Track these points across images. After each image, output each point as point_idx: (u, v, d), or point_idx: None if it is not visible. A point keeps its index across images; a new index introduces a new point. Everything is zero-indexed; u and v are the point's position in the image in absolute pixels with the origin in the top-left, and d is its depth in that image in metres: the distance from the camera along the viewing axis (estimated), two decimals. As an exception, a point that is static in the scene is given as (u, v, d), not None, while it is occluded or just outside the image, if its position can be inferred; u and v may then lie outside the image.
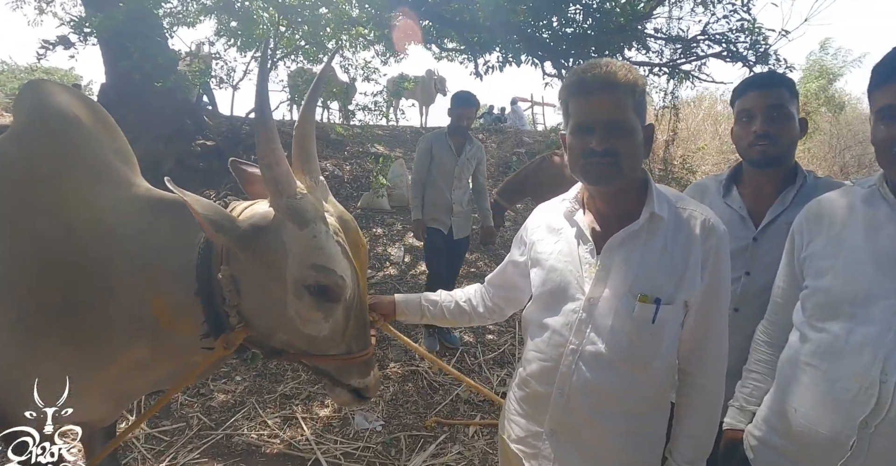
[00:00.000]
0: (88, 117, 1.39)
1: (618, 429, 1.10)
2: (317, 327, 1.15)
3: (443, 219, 3.59)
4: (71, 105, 1.38)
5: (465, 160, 3.58)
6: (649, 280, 1.06)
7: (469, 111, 3.53)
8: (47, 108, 1.35)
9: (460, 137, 3.59)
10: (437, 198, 3.58)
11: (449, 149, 3.56)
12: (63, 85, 1.48)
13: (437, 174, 3.57)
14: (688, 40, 6.69)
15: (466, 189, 3.69)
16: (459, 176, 3.60)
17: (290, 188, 1.11)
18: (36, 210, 1.27)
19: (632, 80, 1.05)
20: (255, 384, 3.04)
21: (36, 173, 1.29)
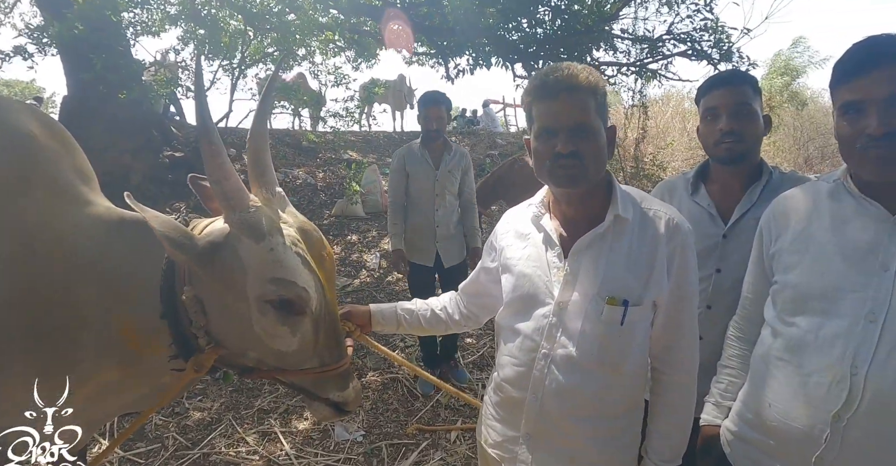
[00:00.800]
0: (45, 135, 1.34)
1: (593, 432, 1.10)
2: (285, 342, 1.12)
3: (426, 248, 3.05)
4: (25, 122, 1.33)
5: (445, 173, 3.03)
6: (616, 282, 1.06)
7: (436, 111, 2.98)
8: (2, 128, 1.30)
9: (436, 145, 3.06)
10: (418, 222, 3.05)
11: (425, 162, 3.03)
12: (18, 101, 1.43)
13: (415, 194, 3.05)
14: (654, 40, 6.82)
15: (453, 207, 3.09)
16: (441, 193, 3.02)
17: (242, 202, 1.09)
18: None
19: (593, 82, 1.05)
20: (231, 399, 2.97)
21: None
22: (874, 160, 0.95)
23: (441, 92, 3.03)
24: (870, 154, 0.95)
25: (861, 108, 0.95)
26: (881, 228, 0.97)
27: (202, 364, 1.15)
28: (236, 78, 5.76)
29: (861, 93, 0.95)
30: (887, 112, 0.92)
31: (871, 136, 0.93)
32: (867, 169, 0.98)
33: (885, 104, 0.92)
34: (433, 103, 2.99)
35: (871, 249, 0.97)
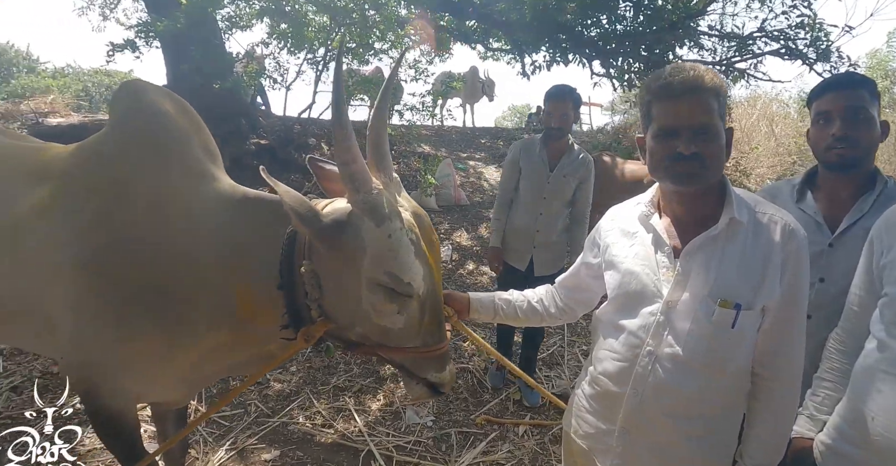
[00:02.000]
0: (179, 115, 1.48)
1: (691, 431, 1.11)
2: (391, 319, 1.18)
3: (521, 251, 2.87)
4: (163, 103, 1.47)
5: (559, 177, 2.77)
6: (729, 285, 1.06)
7: (561, 107, 2.67)
8: (143, 106, 1.44)
9: (557, 145, 2.78)
10: (519, 223, 2.85)
11: (540, 161, 2.78)
12: (156, 85, 1.56)
13: (523, 193, 2.84)
14: (743, 37, 6.48)
15: (560, 215, 2.83)
16: (550, 197, 2.79)
17: (366, 184, 1.15)
18: (129, 203, 1.36)
19: (717, 84, 1.06)
20: (309, 375, 3.14)
21: (132, 168, 1.39)
22: None
23: (570, 86, 2.71)
24: None
25: None
26: None
27: (312, 335, 1.23)
28: (320, 71, 6.01)
29: None
30: None
31: None
32: None
33: None
34: (558, 98, 2.69)
35: None
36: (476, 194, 6.36)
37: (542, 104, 2.82)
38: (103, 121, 7.39)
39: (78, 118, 8.13)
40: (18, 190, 1.48)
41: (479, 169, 7.23)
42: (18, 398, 2.78)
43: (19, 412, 2.65)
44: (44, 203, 1.42)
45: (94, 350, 1.37)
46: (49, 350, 1.53)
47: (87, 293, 1.33)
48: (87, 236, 1.34)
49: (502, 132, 10.15)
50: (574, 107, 2.75)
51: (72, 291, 1.34)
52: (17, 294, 1.43)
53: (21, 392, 2.83)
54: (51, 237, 1.37)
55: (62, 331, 1.39)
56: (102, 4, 11.13)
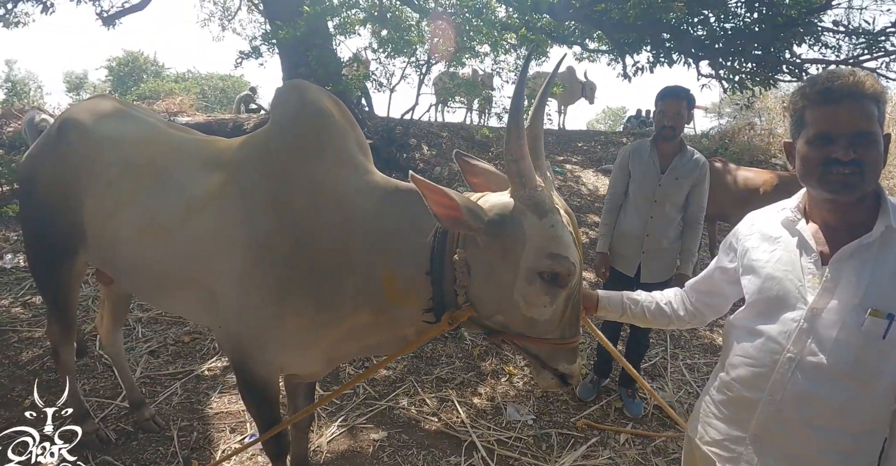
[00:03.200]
0: (337, 113, 1.62)
1: (829, 444, 1.08)
2: (540, 310, 1.25)
3: (630, 256, 2.82)
4: (324, 101, 1.61)
5: (671, 179, 2.70)
6: (882, 295, 1.03)
7: (674, 106, 2.63)
8: (306, 103, 1.59)
9: (669, 146, 2.73)
10: (627, 227, 2.80)
11: (650, 163, 2.74)
12: (315, 85, 1.71)
13: (633, 196, 2.80)
14: (873, 33, 5.90)
15: (672, 220, 2.75)
16: (661, 200, 2.72)
17: (532, 181, 1.22)
18: (294, 190, 1.51)
19: (879, 90, 1.04)
20: (413, 364, 3.30)
21: (297, 159, 1.54)
22: None
23: (683, 86, 2.68)
24: None
25: None
26: None
27: (457, 318, 1.31)
28: (423, 74, 6.24)
29: None
30: None
31: None
32: None
33: None
34: (672, 96, 2.64)
35: None
36: (573, 198, 6.29)
37: (654, 104, 2.78)
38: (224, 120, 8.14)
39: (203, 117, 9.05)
40: (195, 176, 1.69)
41: (577, 173, 7.13)
42: (156, 361, 3.18)
43: (156, 373, 3.03)
44: (218, 188, 1.61)
45: (252, 323, 1.53)
46: (208, 320, 1.73)
47: (253, 269, 1.50)
48: (257, 218, 1.51)
49: (598, 135, 9.94)
50: (688, 107, 2.69)
51: (239, 266, 1.51)
52: (190, 266, 1.63)
53: (158, 356, 3.24)
54: (224, 218, 1.56)
55: (225, 303, 1.56)
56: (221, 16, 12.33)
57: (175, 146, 1.85)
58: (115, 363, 2.60)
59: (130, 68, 22.64)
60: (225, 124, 7.34)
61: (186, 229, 1.63)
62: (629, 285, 2.76)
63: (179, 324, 3.61)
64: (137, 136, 1.90)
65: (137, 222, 1.72)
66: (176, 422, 2.60)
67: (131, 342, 3.33)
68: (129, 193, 1.77)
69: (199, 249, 1.60)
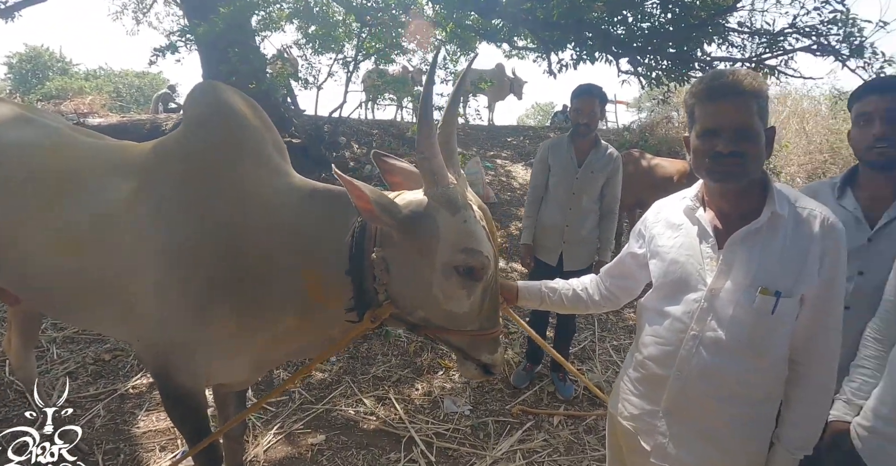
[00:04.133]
0: (252, 114, 1.58)
1: (731, 412, 1.19)
2: (458, 303, 1.28)
3: (552, 247, 2.97)
4: (238, 102, 1.57)
5: (587, 173, 2.87)
6: (770, 274, 1.14)
7: (588, 104, 2.76)
8: (220, 105, 1.54)
9: (585, 142, 2.89)
10: (549, 219, 2.96)
11: (568, 158, 2.89)
12: (228, 86, 1.66)
13: (552, 190, 2.95)
14: (774, 34, 6.38)
15: (590, 211, 2.92)
16: (579, 193, 2.88)
17: (444, 178, 1.25)
18: (210, 194, 1.47)
19: (756, 87, 1.14)
20: (349, 365, 3.27)
21: (213, 163, 1.49)
22: None
23: (596, 85, 2.80)
24: None
25: None
26: None
27: (378, 316, 1.33)
28: (350, 72, 6.15)
29: None
30: None
31: None
32: None
33: None
34: (586, 95, 2.78)
35: None
36: (504, 192, 6.43)
37: (570, 102, 2.90)
38: (140, 120, 7.66)
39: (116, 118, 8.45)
40: (105, 184, 1.59)
41: (507, 167, 7.29)
42: (75, 382, 2.96)
43: (75, 396, 2.82)
44: (131, 195, 1.53)
45: (174, 333, 1.47)
46: (126, 334, 1.64)
47: (171, 277, 1.44)
48: (173, 224, 1.45)
49: (528, 130, 10.18)
50: (601, 104, 2.84)
51: (157, 276, 1.45)
52: (105, 279, 1.54)
53: (77, 377, 3.01)
54: (138, 226, 1.48)
55: (144, 315, 1.49)
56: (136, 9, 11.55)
57: (82, 153, 1.73)
58: (27, 390, 2.40)
59: (34, 65, 20.75)
60: (141, 125, 6.90)
61: (99, 239, 1.54)
62: (553, 273, 2.85)
63: (99, 342, 3.38)
64: (40, 143, 1.76)
65: (46, 235, 1.60)
66: (101, 446, 2.45)
67: (46, 365, 3.09)
68: (34, 206, 1.63)
69: (115, 260, 1.51)
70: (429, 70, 1.27)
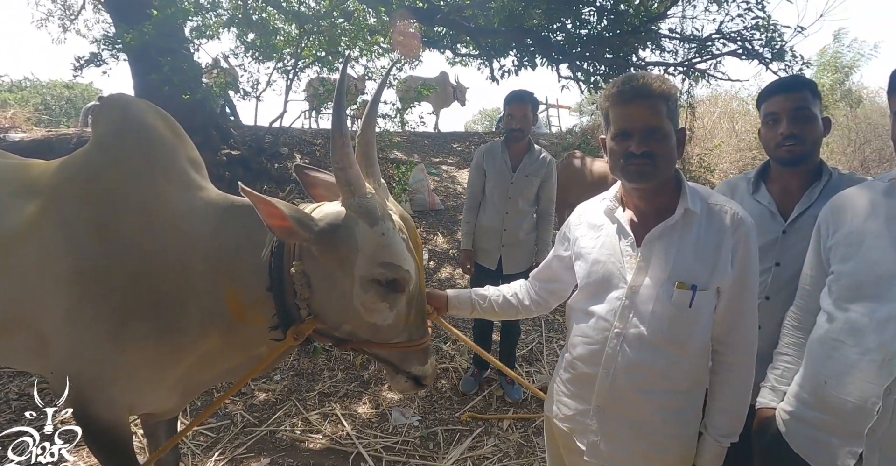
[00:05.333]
0: (164, 127, 1.51)
1: (659, 405, 1.21)
2: (382, 316, 1.25)
3: (491, 251, 2.98)
4: (149, 116, 1.49)
5: (522, 177, 2.90)
6: (686, 269, 1.17)
7: (520, 109, 2.81)
8: (129, 119, 1.46)
9: (518, 147, 2.93)
10: (486, 223, 2.97)
11: (503, 163, 2.93)
12: (139, 99, 1.59)
13: (489, 194, 2.97)
14: (702, 39, 6.72)
15: (526, 214, 2.96)
16: (515, 197, 2.91)
17: (361, 189, 1.21)
18: (120, 214, 1.38)
19: (665, 90, 1.17)
20: (293, 383, 3.16)
21: (122, 180, 1.41)
22: None
23: (528, 91, 2.86)
24: None
25: None
26: None
27: (301, 333, 1.28)
28: (290, 80, 6.01)
29: None
30: None
31: None
32: None
33: None
34: (518, 101, 2.82)
35: None
36: (450, 199, 6.43)
37: (503, 108, 2.94)
38: (67, 135, 7.23)
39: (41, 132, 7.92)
40: (7, 206, 1.48)
41: (453, 173, 7.31)
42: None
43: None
44: (35, 217, 1.42)
45: (89, 362, 1.38)
46: (39, 367, 1.53)
47: (81, 303, 1.34)
48: (81, 247, 1.36)
49: (473, 136, 10.26)
50: (533, 109, 2.89)
51: (66, 303, 1.35)
52: (11, 308, 1.43)
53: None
54: (44, 250, 1.38)
55: (56, 345, 1.39)
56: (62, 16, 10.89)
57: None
58: None
59: (-52, 77, 19.34)
60: (68, 140, 6.47)
61: (4, 268, 1.42)
62: (493, 277, 2.94)
63: (23, 376, 3.13)
64: None
65: None
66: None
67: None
68: None
69: (20, 287, 1.40)
70: (339, 78, 1.23)
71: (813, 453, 1.17)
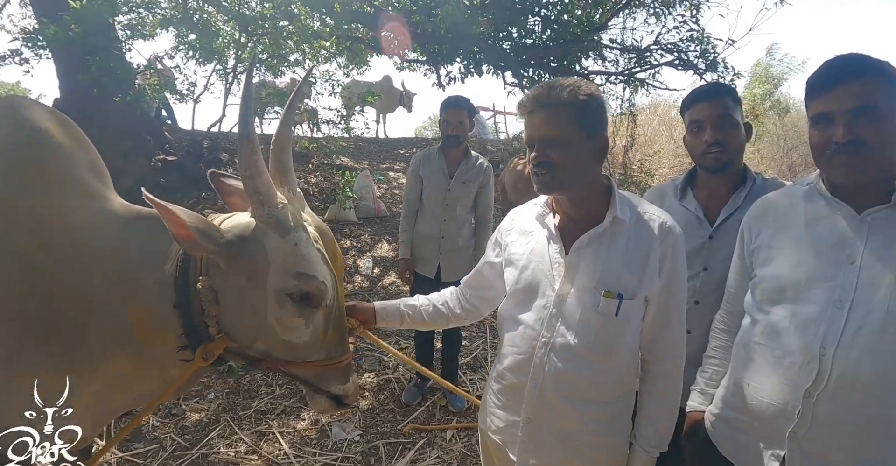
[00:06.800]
0: (60, 132, 1.38)
1: (588, 415, 1.19)
2: (297, 333, 1.17)
3: (429, 259, 2.92)
4: (44, 120, 1.37)
5: (459, 183, 2.86)
6: (613, 277, 1.15)
7: (456, 115, 2.78)
8: (20, 125, 1.33)
9: (455, 153, 2.88)
10: (424, 231, 2.92)
11: (439, 170, 2.88)
12: (36, 101, 1.47)
13: (426, 201, 2.92)
14: (641, 50, 6.97)
15: (464, 221, 2.92)
16: (452, 204, 2.87)
17: (271, 198, 1.14)
18: (10, 229, 1.25)
19: (567, 98, 1.13)
20: (228, 401, 2.99)
21: (11, 190, 1.27)
22: (841, 165, 1.06)
23: (464, 97, 2.83)
24: (837, 160, 1.06)
25: (830, 118, 1.06)
26: (849, 225, 1.07)
27: (211, 353, 1.19)
28: (230, 83, 5.80)
29: (830, 105, 1.06)
30: (852, 123, 1.02)
31: (838, 143, 1.04)
32: (835, 173, 1.09)
33: (851, 116, 1.02)
34: (453, 107, 2.79)
35: (840, 244, 1.07)
36: (396, 205, 6.35)
37: (439, 114, 2.89)
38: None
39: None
40: None
41: (400, 180, 7.24)
42: None
43: None
44: None
45: None
46: None
47: None
48: None
49: (422, 142, 10.21)
50: (469, 115, 2.85)
51: None
52: None
53: None
54: None
55: None
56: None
57: None
58: None
59: None
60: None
61: None
62: (433, 286, 2.82)
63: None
64: None
65: None
66: None
67: None
68: None
69: None
70: (244, 81, 1.16)
71: (739, 456, 1.18)
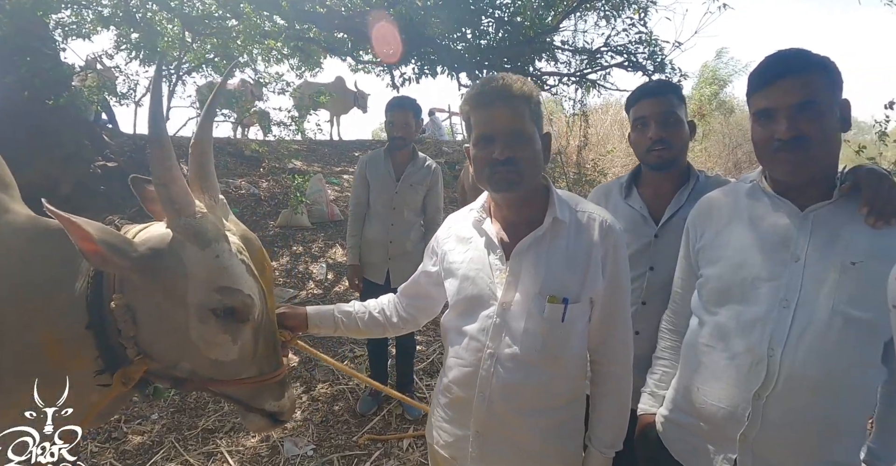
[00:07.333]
0: None
1: (539, 424, 1.15)
2: (224, 350, 1.09)
3: (378, 264, 2.84)
4: None
5: (406, 186, 2.78)
6: (556, 281, 1.11)
7: (401, 116, 2.71)
8: None
9: (401, 155, 2.81)
10: (372, 236, 2.83)
11: (386, 172, 2.79)
12: None
13: (374, 205, 2.83)
14: (592, 52, 7.10)
15: (412, 224, 2.84)
16: (399, 207, 2.79)
17: (188, 207, 1.06)
18: None
19: (527, 91, 1.11)
20: (173, 420, 2.83)
21: None
22: (783, 162, 1.04)
23: (409, 97, 2.79)
24: (780, 156, 1.04)
25: (771, 114, 1.04)
26: (792, 223, 1.06)
27: (130, 377, 1.10)
28: (174, 85, 5.55)
29: (771, 101, 1.04)
30: (794, 118, 1.00)
31: (781, 139, 1.02)
32: (778, 170, 1.07)
33: (792, 111, 1.01)
34: (398, 108, 2.72)
35: (784, 242, 1.06)
36: (351, 209, 6.27)
37: (385, 115, 2.81)
38: None
39: None
40: None
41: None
42: None
43: None
44: None
45: None
46: None
47: None
48: None
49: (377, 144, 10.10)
50: (415, 116, 2.78)
51: None
52: None
53: None
54: None
55: None
56: None
57: None
58: None
59: None
60: None
61: None
62: (382, 292, 2.73)
63: None
64: None
65: None
66: None
67: None
68: None
69: None
70: (153, 80, 1.07)
71: (691, 459, 1.16)
